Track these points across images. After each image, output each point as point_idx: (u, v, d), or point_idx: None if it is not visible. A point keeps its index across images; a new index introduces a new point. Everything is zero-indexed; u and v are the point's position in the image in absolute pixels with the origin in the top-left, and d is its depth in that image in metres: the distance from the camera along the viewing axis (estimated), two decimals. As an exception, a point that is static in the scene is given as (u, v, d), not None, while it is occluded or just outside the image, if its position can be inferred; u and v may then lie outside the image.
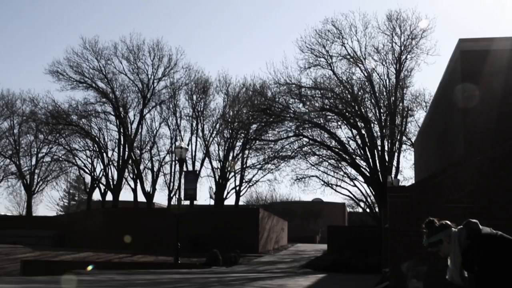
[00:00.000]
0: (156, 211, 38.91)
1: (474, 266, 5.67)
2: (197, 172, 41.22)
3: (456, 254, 5.74)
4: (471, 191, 9.20)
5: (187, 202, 38.86)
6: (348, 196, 38.63)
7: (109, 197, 44.02)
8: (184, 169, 38.36)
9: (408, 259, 8.64)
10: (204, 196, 73.09)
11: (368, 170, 29.80)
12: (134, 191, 43.17)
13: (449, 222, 6.03)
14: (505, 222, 8.71)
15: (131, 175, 43.88)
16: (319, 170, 35.05)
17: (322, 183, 36.04)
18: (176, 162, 31.89)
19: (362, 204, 37.68)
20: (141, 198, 44.54)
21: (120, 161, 42.52)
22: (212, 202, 42.56)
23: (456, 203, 9.10)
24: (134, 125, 43.33)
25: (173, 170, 43.27)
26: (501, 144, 9.68)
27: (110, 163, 43.89)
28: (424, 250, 6.55)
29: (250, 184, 43.93)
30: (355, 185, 34.43)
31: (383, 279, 10.39)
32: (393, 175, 30.56)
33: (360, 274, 15.72)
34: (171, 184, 43.23)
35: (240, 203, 47.41)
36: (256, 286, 11.70)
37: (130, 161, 42.68)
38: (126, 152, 42.31)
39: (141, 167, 43.28)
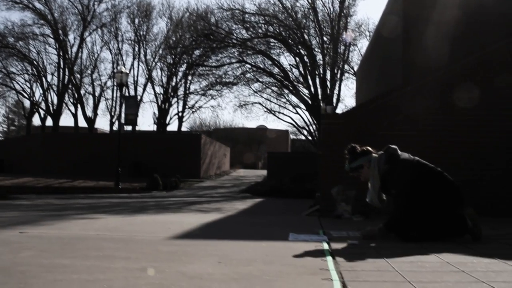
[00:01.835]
0: (97, 136, 38.50)
1: (391, 189, 5.99)
2: (139, 97, 40.81)
3: (375, 178, 6.04)
4: (401, 120, 9.51)
5: (129, 127, 38.64)
6: (291, 123, 39.22)
7: (49, 122, 43.27)
8: (126, 94, 37.91)
9: (338, 184, 8.96)
10: (148, 122, 72.70)
11: (309, 98, 30.14)
12: (75, 116, 42.53)
13: (370, 148, 6.30)
14: (431, 150, 9.11)
15: (72, 100, 43.08)
16: (262, 97, 35.27)
17: (265, 110, 36.38)
18: (118, 87, 31.43)
19: (304, 132, 38.32)
20: (82, 123, 43.96)
21: (60, 86, 41.57)
22: (155, 128, 42.46)
23: (386, 131, 9.40)
24: (74, 49, 42.21)
25: (115, 95, 42.74)
26: (430, 75, 9.96)
27: (50, 87, 42.88)
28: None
29: (193, 110, 43.88)
30: (297, 113, 34.89)
31: (316, 203, 10.75)
32: (334, 104, 31.05)
33: (296, 199, 16.16)
34: (113, 109, 42.74)
35: (184, 129, 47.51)
36: (193, 209, 11.95)
37: (70, 86, 41.78)
38: (66, 76, 41.36)
39: (82, 91, 42.52)
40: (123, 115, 30.33)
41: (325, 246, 5.17)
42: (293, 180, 20.62)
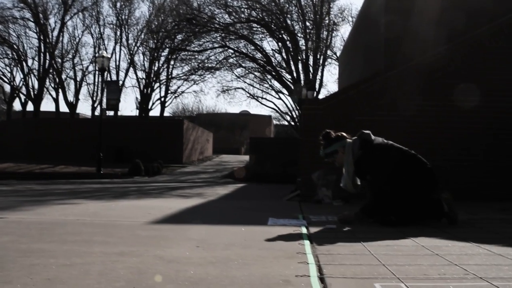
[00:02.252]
0: (79, 122, 38.24)
1: (366, 174, 6.04)
2: (121, 82, 40.53)
3: (349, 164, 6.09)
4: (382, 105, 9.57)
5: (111, 113, 38.42)
6: (273, 108, 39.23)
7: (30, 107, 42.86)
8: (108, 79, 37.65)
9: (318, 169, 9.01)
10: (130, 107, 72.46)
11: (292, 83, 30.16)
12: (56, 101, 42.18)
13: (344, 134, 6.34)
14: (412, 135, 9.19)
15: (53, 85, 42.69)
16: (245, 82, 35.26)
17: (248, 95, 36.38)
18: (99, 71, 31.20)
19: (287, 117, 38.38)
20: (64, 108, 43.61)
21: (41, 70, 41.13)
22: (138, 113, 42.25)
23: (367, 116, 9.46)
24: (55, 33, 41.76)
25: (96, 80, 42.46)
26: (412, 60, 10.01)
27: (31, 72, 42.43)
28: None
29: (176, 95, 43.74)
30: (280, 98, 34.95)
31: (297, 188, 10.81)
32: (317, 89, 31.11)
33: (278, 184, 16.22)
34: (95, 94, 42.45)
35: (166, 114, 47.38)
36: (175, 194, 11.96)
37: (51, 70, 41.36)
38: (47, 61, 40.92)
39: (63, 76, 42.14)
40: (104, 100, 30.13)
41: (304, 230, 5.21)
42: (275, 165, 20.65)
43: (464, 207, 7.53)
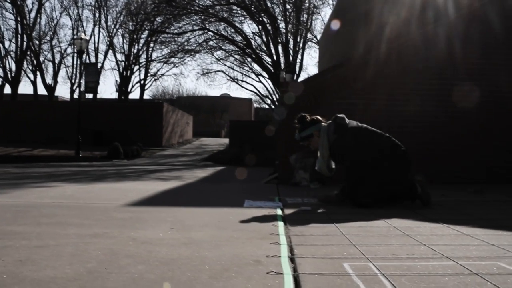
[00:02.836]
0: (58, 105, 37.85)
1: (341, 158, 6.10)
2: (100, 65, 40.16)
3: (324, 147, 6.14)
4: (359, 89, 9.62)
5: (90, 95, 38.10)
6: (254, 91, 39.19)
7: (8, 90, 42.29)
8: (87, 61, 37.29)
9: (296, 152, 9.06)
10: (110, 90, 71.91)
11: (272, 66, 30.12)
12: (34, 83, 41.65)
13: (319, 117, 6.39)
14: (388, 119, 9.28)
15: (31, 67, 42.14)
16: (225, 65, 35.16)
17: (228, 78, 36.30)
18: (78, 54, 30.84)
19: (267, 100, 38.37)
20: (42, 91, 43.14)
21: (18, 52, 40.56)
22: (117, 96, 41.95)
23: (344, 99, 9.51)
24: (33, 14, 41.13)
25: (75, 63, 41.95)
26: (389, 44, 10.06)
27: (8, 54, 41.79)
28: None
29: (155, 78, 43.48)
30: (260, 81, 34.90)
31: (275, 170, 10.85)
32: (297, 72, 31.12)
33: (257, 167, 16.26)
34: (73, 76, 42.02)
35: (146, 97, 47.13)
36: (153, 177, 11.95)
37: (29, 52, 40.81)
38: (25, 43, 40.34)
39: (41, 58, 41.59)
40: (83, 82, 29.86)
41: (279, 212, 5.26)
42: (254, 148, 20.70)
43: (439, 190, 7.65)
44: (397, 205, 5.78)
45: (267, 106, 44.51)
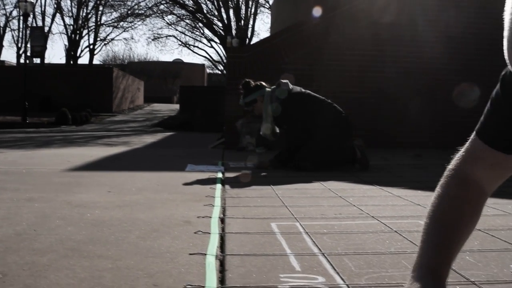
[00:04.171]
0: (4, 69, 36.77)
1: (283, 122, 6.20)
2: (48, 28, 39.08)
3: (267, 112, 6.23)
4: (306, 54, 9.70)
5: (38, 60, 37.16)
6: (206, 57, 38.90)
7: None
8: (34, 25, 36.25)
9: (242, 117, 9.12)
10: (59, 55, 70.14)
11: (223, 31, 29.93)
12: (-22, 47, 40.37)
13: (263, 83, 6.45)
14: (335, 84, 9.40)
15: (-26, 30, 40.77)
16: (176, 30, 34.99)
17: (180, 43, 35.93)
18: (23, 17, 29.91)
19: (220, 66, 38.21)
20: (-13, 55, 41.78)
21: (-39, 15, 39.15)
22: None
23: (289, 65, 9.58)
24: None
25: (21, 26, 40.65)
26: (337, 9, 10.13)
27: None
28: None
29: (105, 42, 42.68)
30: (212, 47, 34.68)
31: (223, 136, 10.91)
32: (248, 38, 30.98)
33: (207, 132, 16.28)
34: (20, 40, 40.84)
35: (96, 62, 46.19)
36: (100, 143, 11.85)
37: (-29, 15, 39.41)
38: (-33, 5, 38.92)
39: (-15, 21, 40.21)
40: (29, 47, 29.07)
41: (219, 175, 5.32)
42: (205, 114, 20.65)
43: (380, 153, 7.86)
44: (337, 169, 5.92)
45: (219, 72, 44.31)
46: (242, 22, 30.40)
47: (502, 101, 1.30)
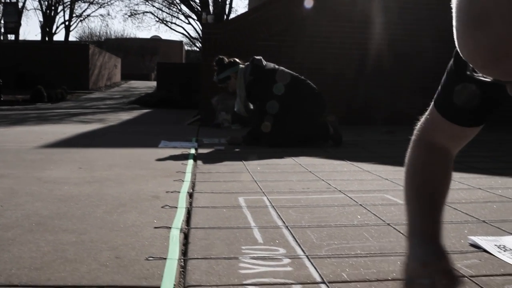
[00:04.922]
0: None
1: (256, 99, 6.21)
2: (22, 4, 38.39)
3: (241, 89, 6.24)
4: (280, 31, 9.70)
5: (12, 37, 36.56)
6: (184, 34, 38.62)
7: None
8: (6, 0, 35.59)
9: (218, 94, 9.12)
10: (34, 31, 69.08)
11: (200, 7, 29.67)
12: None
13: (237, 60, 6.45)
14: (310, 60, 9.43)
15: None
16: (153, 6, 34.52)
17: (157, 19, 35.56)
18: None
19: (198, 43, 37.92)
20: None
21: None
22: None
23: (265, 41, 9.58)
24: None
25: (-6, 2, 39.91)
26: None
27: None
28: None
29: (81, 18, 42.10)
30: (189, 23, 34.38)
31: (199, 112, 10.88)
32: (226, 14, 30.77)
33: (184, 109, 16.20)
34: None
35: (72, 39, 45.60)
36: (75, 120, 11.76)
37: None
38: None
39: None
40: (3, 23, 28.59)
41: (192, 151, 5.33)
42: (182, 91, 20.53)
43: (354, 130, 7.93)
44: (310, 145, 5.96)
45: (197, 49, 44.00)
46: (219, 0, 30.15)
47: (455, 75, 1.33)
